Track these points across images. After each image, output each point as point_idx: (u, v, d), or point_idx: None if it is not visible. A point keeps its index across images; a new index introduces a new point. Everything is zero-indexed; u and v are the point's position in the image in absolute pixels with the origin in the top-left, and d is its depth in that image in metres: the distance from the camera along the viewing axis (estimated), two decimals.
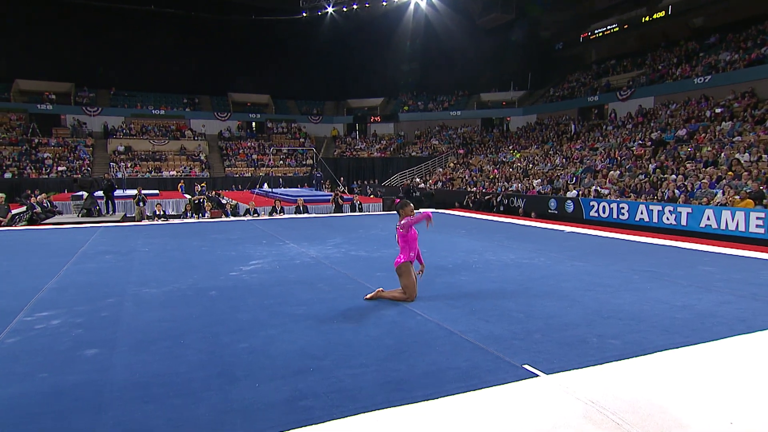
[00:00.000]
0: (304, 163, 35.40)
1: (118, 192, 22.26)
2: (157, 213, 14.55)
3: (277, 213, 15.07)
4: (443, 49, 35.47)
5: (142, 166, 31.76)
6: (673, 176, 15.47)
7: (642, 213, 14.01)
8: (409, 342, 3.80)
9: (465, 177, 25.84)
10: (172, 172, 31.63)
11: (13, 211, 14.54)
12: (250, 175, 32.30)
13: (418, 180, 28.00)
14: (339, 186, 24.05)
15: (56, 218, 16.08)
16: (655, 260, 7.01)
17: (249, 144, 36.21)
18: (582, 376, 3.18)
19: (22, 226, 13.66)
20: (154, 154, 33.09)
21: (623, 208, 14.51)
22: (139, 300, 4.93)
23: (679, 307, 4.67)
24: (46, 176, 28.48)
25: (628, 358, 3.44)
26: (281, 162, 35.47)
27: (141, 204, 17.32)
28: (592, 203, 15.52)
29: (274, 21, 33.30)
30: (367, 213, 15.57)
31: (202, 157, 33.80)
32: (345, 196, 17.28)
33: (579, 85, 31.50)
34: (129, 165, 31.31)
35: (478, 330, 4.05)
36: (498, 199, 18.59)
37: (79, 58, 33.87)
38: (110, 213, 17.04)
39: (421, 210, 5.17)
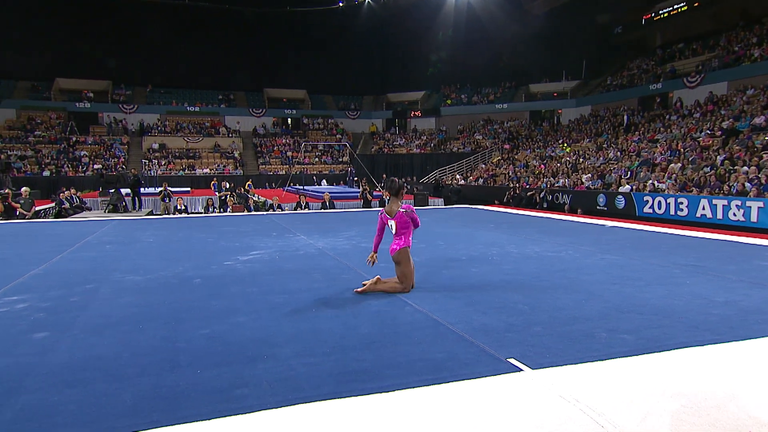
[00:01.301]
0: (341, 160, 35.58)
1: (150, 189, 23.14)
2: (178, 208, 14.88)
3: (301, 208, 15.10)
4: (489, 38, 34.80)
5: (175, 163, 32.85)
6: (745, 168, 14.36)
7: (704, 208, 13.07)
8: (387, 332, 3.56)
9: (509, 173, 25.16)
10: (205, 170, 32.55)
11: (40, 207, 15.27)
12: (284, 172, 32.77)
13: (458, 177, 27.51)
14: (376, 185, 23.97)
15: (84, 214, 16.76)
16: (703, 254, 6.44)
17: (284, 141, 36.80)
18: (573, 372, 2.84)
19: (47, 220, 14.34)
20: (188, 151, 34.18)
21: (682, 203, 13.59)
22: (118, 286, 4.91)
23: (719, 302, 4.20)
24: (83, 174, 29.94)
25: (636, 355, 3.07)
26: (316, 159, 35.81)
27: (167, 200, 17.80)
28: (645, 198, 14.64)
29: (310, 13, 33.75)
30: None
31: (236, 155, 34.61)
32: (375, 192, 17.12)
33: (640, 73, 30.06)
34: (163, 162, 32.47)
35: (470, 322, 3.77)
36: (541, 196, 17.91)
37: (117, 56, 35.51)
38: (136, 209, 17.65)
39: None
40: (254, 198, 18.39)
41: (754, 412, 2.37)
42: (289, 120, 39.43)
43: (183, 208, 14.84)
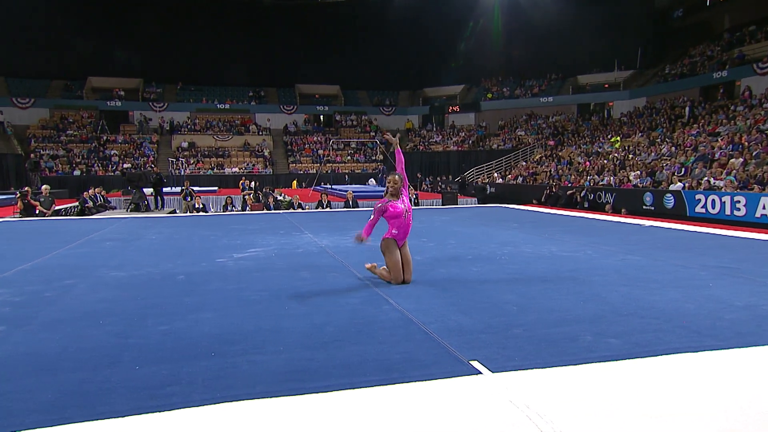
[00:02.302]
0: (374, 158, 35.69)
1: (177, 188, 23.83)
2: (196, 206, 15.26)
3: (323, 207, 15.20)
4: (533, 27, 34.15)
5: (204, 162, 33.77)
6: None
7: (765, 208, 12.35)
8: (352, 332, 3.50)
9: (550, 170, 24.57)
10: (234, 169, 33.30)
11: (63, 206, 15.99)
12: (315, 171, 33.13)
13: (495, 175, 27.11)
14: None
15: (106, 213, 17.43)
16: (741, 256, 6.09)
17: (315, 138, 37.23)
18: (535, 377, 2.71)
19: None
20: (217, 150, 35.07)
21: (739, 202, 12.89)
22: (98, 282, 5.04)
23: (738, 307, 3.94)
24: (112, 173, 31.18)
25: (613, 360, 2.91)
26: (348, 157, 36.05)
27: (188, 199, 18.28)
28: (698, 197, 13.96)
29: (344, 4, 34.06)
30: (423, 207, 15.23)
31: (266, 153, 35.25)
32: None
33: (703, 60, 28.74)
34: (192, 161, 33.43)
35: (447, 321, 3.68)
36: (582, 194, 17.38)
37: (148, 53, 36.81)
38: (159, 208, 18.21)
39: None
40: (279, 197, 18.68)
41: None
42: (322, 117, 39.86)
43: (201, 206, 15.19)
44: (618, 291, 4.48)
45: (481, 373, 2.77)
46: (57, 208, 15.69)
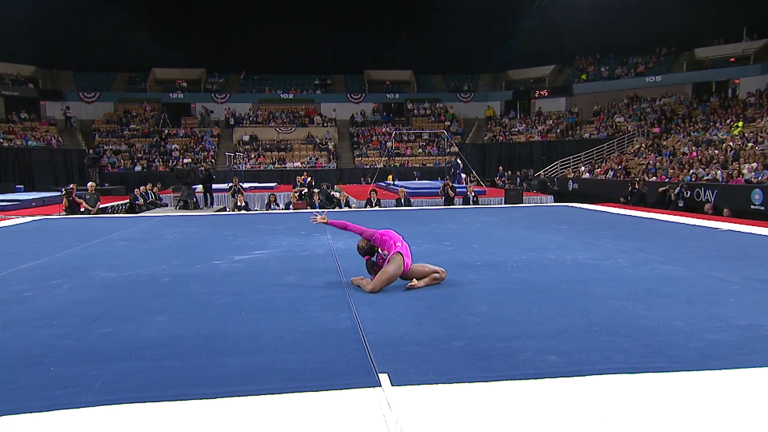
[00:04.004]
0: (448, 150, 35.63)
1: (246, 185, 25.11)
2: (238, 204, 16.13)
3: (371, 206, 15.56)
4: None
5: (265, 156, 35.34)
6: None
7: None
8: (288, 339, 3.78)
9: (648, 163, 23.46)
10: (296, 163, 34.58)
11: (109, 204, 17.50)
12: (382, 165, 33.68)
13: (582, 169, 26.25)
14: (479, 180, 23.69)
15: (156, 210, 18.83)
16: None
17: (384, 129, 37.79)
18: (431, 393, 2.87)
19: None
20: (278, 143, 36.58)
21: None
22: (83, 283, 5.63)
23: (736, 326, 3.87)
24: (171, 169, 33.43)
25: (533, 379, 3.02)
26: (420, 150, 36.28)
27: (236, 196, 19.32)
28: None
29: None
30: (481, 206, 15.19)
31: (330, 146, 36.28)
32: (458, 188, 17.08)
33: None
34: (252, 156, 35.10)
35: (393, 332, 3.87)
36: (677, 192, 16.50)
37: (211, 42, 39.08)
38: (208, 206, 19.39)
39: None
40: (337, 193, 19.29)
41: None
42: (392, 105, 40.37)
43: (243, 204, 16.04)
44: (612, 305, 4.45)
45: (380, 386, 2.94)
46: (104, 205, 17.22)
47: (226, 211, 18.42)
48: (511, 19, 37.81)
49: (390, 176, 30.82)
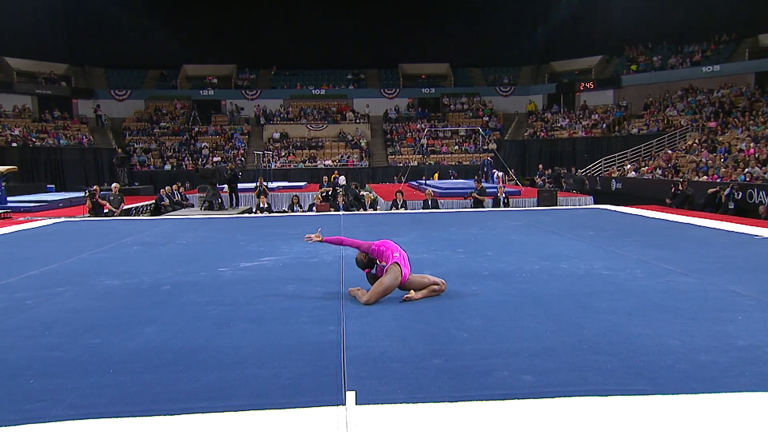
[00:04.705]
0: (485, 147, 35.46)
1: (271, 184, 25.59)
2: (261, 206, 16.47)
3: (396, 208, 15.68)
4: None
5: (296, 154, 35.85)
6: None
7: None
8: (269, 352, 3.94)
9: (701, 160, 22.88)
10: (327, 161, 34.96)
11: (134, 204, 18.09)
12: (416, 164, 33.77)
13: (627, 168, 25.76)
14: (516, 179, 23.50)
15: (180, 211, 19.38)
16: None
17: (419, 126, 37.83)
18: (394, 412, 3.00)
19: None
20: (309, 141, 37.05)
21: None
22: (85, 291, 5.93)
23: (735, 346, 3.88)
24: (205, 166, 34.26)
25: (500, 400, 3.12)
26: (456, 147, 36.20)
27: (264, 195, 19.72)
28: None
29: None
30: (510, 209, 15.14)
31: (362, 143, 36.54)
32: (488, 188, 17.04)
33: None
34: (283, 154, 35.65)
35: (376, 347, 4.00)
36: (727, 193, 16.05)
37: (242, 37, 39.82)
38: (233, 206, 19.86)
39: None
40: (368, 193, 19.47)
41: None
42: (427, 100, 40.36)
43: (266, 206, 16.37)
44: (609, 321, 4.49)
45: (343, 405, 3.07)
46: (128, 206, 17.82)
47: (251, 212, 18.83)
48: (555, 6, 37.28)
49: (436, 174, 30.90)
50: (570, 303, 5.05)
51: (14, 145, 30.82)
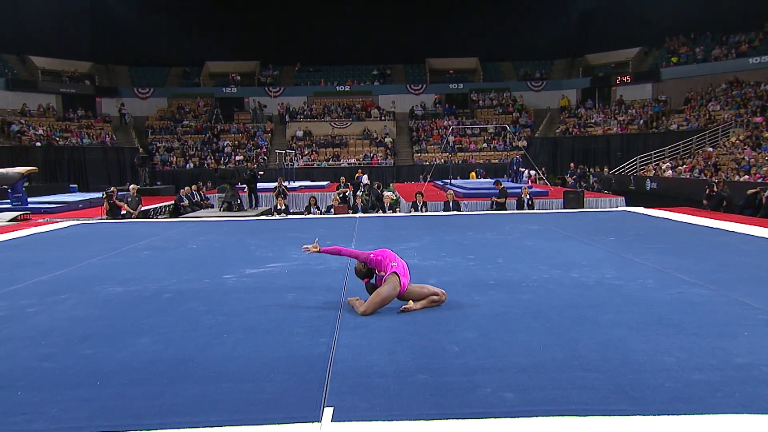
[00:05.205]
0: (515, 145, 35.25)
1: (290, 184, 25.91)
2: (278, 207, 16.69)
3: (416, 210, 15.74)
4: None
5: (319, 153, 36.13)
6: None
7: None
8: (257, 365, 4.06)
9: (743, 158, 22.41)
10: (351, 160, 35.16)
11: (153, 206, 18.50)
12: (443, 162, 33.69)
13: (664, 166, 25.34)
14: (545, 179, 23.32)
15: (199, 212, 19.75)
16: None
17: (446, 122, 37.78)
18: (373, 431, 3.09)
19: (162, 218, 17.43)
20: (333, 139, 37.30)
21: None
22: (89, 299, 6.15)
23: (733, 364, 3.88)
24: (224, 167, 34.78)
25: (480, 418, 3.19)
26: (484, 145, 36.05)
27: (282, 197, 19.97)
28: None
29: None
30: (534, 211, 15.08)
31: (387, 141, 36.64)
32: (510, 189, 16.98)
33: None
34: (306, 152, 35.97)
35: (363, 361, 4.10)
36: (767, 195, 15.70)
37: (265, 33, 40.26)
38: (253, 207, 20.14)
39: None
40: (390, 193, 19.60)
41: None
42: (455, 96, 40.26)
43: (283, 208, 16.59)
44: (607, 335, 4.51)
45: (318, 422, 3.18)
46: (147, 207, 18.24)
47: (271, 213, 19.10)
48: None
49: (473, 173, 30.87)
50: (572, 315, 5.07)
51: (38, 144, 31.68)
